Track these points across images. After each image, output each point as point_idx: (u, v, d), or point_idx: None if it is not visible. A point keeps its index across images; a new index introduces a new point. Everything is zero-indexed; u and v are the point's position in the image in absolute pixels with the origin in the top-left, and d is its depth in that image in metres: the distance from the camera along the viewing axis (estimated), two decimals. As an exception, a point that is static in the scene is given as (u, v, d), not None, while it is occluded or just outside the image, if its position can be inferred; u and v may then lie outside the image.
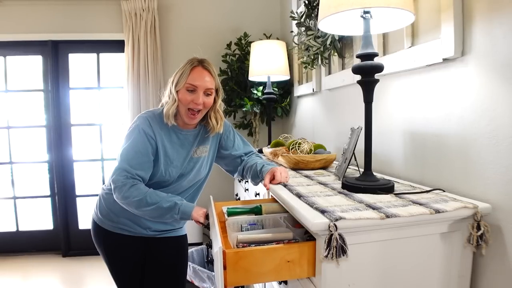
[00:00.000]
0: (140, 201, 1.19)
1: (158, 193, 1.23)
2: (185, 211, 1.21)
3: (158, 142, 1.28)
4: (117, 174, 1.22)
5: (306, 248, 0.86)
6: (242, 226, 1.11)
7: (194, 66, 1.28)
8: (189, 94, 1.26)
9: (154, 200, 1.20)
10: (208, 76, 1.29)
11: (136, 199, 1.19)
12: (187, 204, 1.23)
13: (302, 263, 0.87)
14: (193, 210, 1.22)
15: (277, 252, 0.85)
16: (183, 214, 1.21)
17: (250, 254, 0.84)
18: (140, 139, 1.25)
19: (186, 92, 1.26)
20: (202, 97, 1.27)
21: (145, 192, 1.20)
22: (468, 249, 0.90)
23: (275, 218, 1.15)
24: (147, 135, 1.26)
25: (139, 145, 1.25)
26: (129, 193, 1.19)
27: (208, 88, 1.28)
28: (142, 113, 1.35)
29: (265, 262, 0.85)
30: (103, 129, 3.12)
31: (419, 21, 1.21)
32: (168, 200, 1.21)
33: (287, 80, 2.63)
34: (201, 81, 1.26)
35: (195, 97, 1.26)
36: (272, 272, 0.85)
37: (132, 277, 1.39)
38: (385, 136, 1.42)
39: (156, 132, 1.29)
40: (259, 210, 1.18)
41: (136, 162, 1.23)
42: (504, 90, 0.88)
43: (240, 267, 0.83)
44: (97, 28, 2.92)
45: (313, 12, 1.89)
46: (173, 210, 1.20)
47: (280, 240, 0.93)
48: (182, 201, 1.23)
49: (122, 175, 1.21)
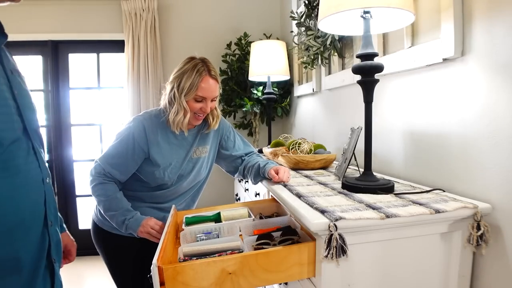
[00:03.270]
0: (100, 202, 1.27)
1: (120, 202, 1.27)
2: (132, 228, 1.24)
3: (151, 147, 1.29)
4: (94, 166, 1.29)
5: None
6: (197, 236, 1.09)
7: (203, 77, 1.26)
8: (197, 103, 1.29)
9: (114, 208, 1.26)
10: (215, 84, 1.31)
11: (98, 198, 1.27)
12: (135, 220, 1.24)
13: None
14: (139, 227, 1.24)
15: (217, 264, 0.82)
16: (131, 231, 1.25)
17: (189, 268, 0.81)
18: (127, 142, 1.28)
19: (195, 101, 1.29)
20: (209, 104, 1.31)
21: (109, 195, 1.26)
22: (468, 249, 0.90)
23: (231, 226, 1.13)
24: (135, 142, 1.27)
25: (124, 147, 1.28)
26: (96, 189, 1.27)
27: (215, 96, 1.33)
28: (138, 115, 1.35)
29: (205, 276, 0.82)
30: (103, 129, 3.13)
31: (419, 21, 1.21)
32: (123, 214, 1.25)
33: (287, 80, 2.63)
34: (211, 92, 1.29)
35: (204, 106, 1.30)
36: (213, 285, 0.82)
37: (132, 277, 1.39)
38: (385, 136, 1.42)
39: (150, 137, 1.29)
40: (219, 218, 1.18)
41: (114, 161, 1.28)
42: (504, 90, 0.88)
43: (179, 282, 0.80)
44: (97, 28, 2.92)
45: (313, 12, 1.89)
46: (122, 226, 1.25)
47: (224, 250, 0.91)
48: (132, 217, 1.25)
49: (97, 169, 1.28)
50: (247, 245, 0.96)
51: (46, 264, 0.84)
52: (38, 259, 0.81)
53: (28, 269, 0.78)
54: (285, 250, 0.86)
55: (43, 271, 0.83)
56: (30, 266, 0.79)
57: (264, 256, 0.85)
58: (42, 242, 0.83)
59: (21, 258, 0.76)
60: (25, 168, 0.78)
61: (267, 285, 0.89)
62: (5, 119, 0.74)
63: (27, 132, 0.80)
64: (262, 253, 0.85)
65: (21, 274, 0.77)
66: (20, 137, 0.78)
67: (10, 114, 0.75)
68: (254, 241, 0.98)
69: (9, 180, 0.74)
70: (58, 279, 0.88)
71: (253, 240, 0.98)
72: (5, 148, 0.72)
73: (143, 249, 1.34)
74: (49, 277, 0.85)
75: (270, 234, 1.00)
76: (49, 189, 0.87)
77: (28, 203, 0.79)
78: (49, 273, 0.85)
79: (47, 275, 0.84)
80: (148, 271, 0.81)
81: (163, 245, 0.91)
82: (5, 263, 0.74)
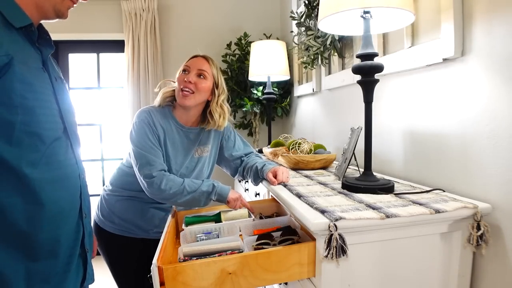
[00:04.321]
0: (178, 192, 1.20)
1: (193, 180, 1.27)
2: (221, 193, 1.23)
3: (160, 136, 1.29)
4: (144, 170, 1.21)
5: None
6: (197, 236, 1.09)
7: (194, 56, 1.36)
8: (183, 74, 1.31)
9: (193, 187, 1.22)
10: (203, 61, 1.34)
11: (173, 191, 1.19)
12: (222, 186, 1.25)
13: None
14: (229, 192, 1.24)
15: (217, 264, 0.82)
16: (219, 196, 1.24)
17: (189, 268, 0.81)
18: (148, 132, 1.27)
19: (182, 74, 1.32)
20: (194, 77, 1.30)
21: (182, 181, 1.22)
22: (468, 249, 0.90)
23: (231, 226, 1.13)
24: (151, 128, 1.28)
25: (150, 137, 1.26)
26: (167, 186, 1.19)
27: (200, 68, 1.32)
28: (143, 108, 1.36)
29: (205, 276, 0.82)
30: (103, 129, 3.12)
31: (419, 21, 1.21)
32: (207, 184, 1.24)
33: (287, 80, 2.63)
34: (195, 62, 1.32)
35: (187, 76, 1.30)
36: (213, 286, 0.82)
37: (134, 278, 1.39)
38: (385, 136, 1.42)
39: (158, 127, 1.30)
40: (219, 218, 1.18)
41: (154, 154, 1.24)
42: (504, 90, 0.88)
43: (179, 282, 0.80)
44: (97, 28, 2.92)
45: (313, 12, 1.89)
46: (212, 193, 1.23)
47: (224, 250, 0.92)
48: (218, 184, 1.26)
49: (151, 170, 1.20)
50: (247, 245, 0.96)
51: (80, 252, 0.92)
52: (73, 247, 0.90)
53: (64, 255, 0.87)
54: (285, 250, 0.86)
55: (77, 259, 0.91)
56: (66, 253, 0.88)
57: (264, 256, 0.85)
58: (77, 231, 0.92)
59: (56, 245, 0.85)
60: (64, 163, 0.88)
61: (267, 285, 0.89)
62: (49, 119, 0.84)
63: (67, 132, 0.90)
64: (262, 253, 0.85)
65: (57, 259, 0.85)
66: (61, 136, 0.87)
67: (53, 116, 0.86)
68: (254, 241, 0.98)
69: (52, 173, 0.83)
70: (90, 267, 0.98)
71: (253, 240, 0.98)
72: (48, 145, 0.82)
73: (145, 249, 1.34)
74: (82, 265, 0.94)
75: (270, 234, 1.00)
76: (84, 184, 0.96)
77: (67, 194, 0.88)
78: (82, 261, 0.94)
79: (80, 263, 0.93)
80: (149, 271, 0.81)
81: (163, 245, 0.91)
82: (46, 246, 0.82)
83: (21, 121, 0.76)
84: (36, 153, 0.79)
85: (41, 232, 0.81)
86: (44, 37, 0.88)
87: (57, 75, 0.93)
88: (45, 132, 0.81)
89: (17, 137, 0.76)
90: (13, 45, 0.76)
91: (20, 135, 0.76)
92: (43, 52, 0.86)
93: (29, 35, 0.82)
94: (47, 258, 0.83)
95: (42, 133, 0.81)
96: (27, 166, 0.77)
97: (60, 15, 0.87)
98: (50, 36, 0.90)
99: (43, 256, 0.82)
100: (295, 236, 0.97)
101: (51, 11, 0.85)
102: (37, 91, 0.80)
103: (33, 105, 0.78)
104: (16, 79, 0.74)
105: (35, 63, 0.83)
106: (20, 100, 0.75)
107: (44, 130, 0.81)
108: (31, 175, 0.78)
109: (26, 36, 0.81)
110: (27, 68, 0.78)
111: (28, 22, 0.79)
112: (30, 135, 0.78)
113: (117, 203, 1.35)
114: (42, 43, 0.87)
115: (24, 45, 0.80)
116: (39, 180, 0.80)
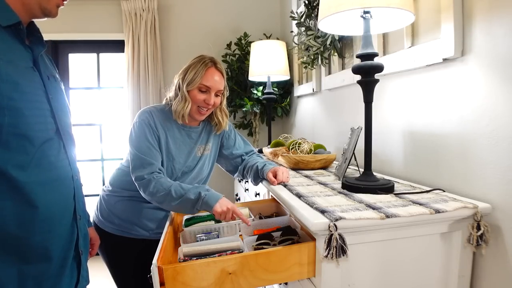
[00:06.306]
0: (166, 196, 1.15)
1: (182, 185, 1.18)
2: (208, 203, 1.10)
3: (160, 136, 1.29)
4: (136, 172, 1.20)
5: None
6: (197, 236, 1.08)
7: (208, 67, 1.28)
8: (201, 94, 1.28)
9: (180, 193, 1.14)
10: (220, 78, 1.31)
11: (160, 194, 1.16)
12: (211, 195, 1.12)
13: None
14: (216, 203, 1.10)
15: (217, 264, 0.82)
16: (206, 206, 1.11)
17: (189, 268, 0.81)
18: (147, 133, 1.26)
19: (199, 92, 1.28)
20: (214, 97, 1.30)
21: (169, 185, 1.16)
22: (468, 249, 0.90)
23: (231, 226, 1.13)
24: (152, 129, 1.27)
25: (149, 138, 1.25)
26: (154, 189, 1.16)
27: (220, 89, 1.31)
28: (144, 108, 1.35)
29: (205, 276, 0.82)
30: (103, 129, 3.12)
31: (419, 21, 1.21)
32: (194, 192, 1.13)
33: (287, 80, 2.63)
34: (214, 83, 1.29)
35: (207, 98, 1.28)
36: (213, 286, 0.82)
37: (133, 278, 1.39)
38: (385, 136, 1.42)
39: (159, 127, 1.29)
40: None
41: (150, 156, 1.23)
42: (504, 90, 0.88)
43: (179, 282, 0.80)
44: (97, 28, 2.92)
45: (313, 12, 1.89)
46: (197, 202, 1.12)
47: (224, 250, 0.91)
48: (207, 192, 1.14)
49: (142, 172, 1.20)
50: (247, 245, 0.96)
51: (74, 255, 0.91)
52: (67, 250, 0.88)
53: (57, 258, 0.86)
54: (285, 250, 0.86)
55: (71, 261, 0.90)
56: (59, 256, 0.86)
57: (264, 256, 0.85)
58: (71, 234, 0.90)
59: (49, 248, 0.83)
60: (56, 165, 0.85)
61: (267, 285, 0.89)
62: (39, 120, 0.81)
63: (60, 133, 0.88)
64: (262, 253, 0.85)
65: (51, 262, 0.84)
66: (53, 137, 0.85)
67: (44, 117, 0.83)
68: (254, 241, 0.98)
69: (43, 176, 0.81)
70: (84, 269, 0.96)
71: (253, 240, 0.98)
72: (37, 147, 0.80)
73: (144, 250, 1.34)
74: (76, 267, 0.92)
75: (270, 234, 1.00)
76: (78, 185, 0.94)
77: (59, 197, 0.86)
78: (76, 263, 0.92)
79: (74, 265, 0.92)
80: (149, 272, 0.81)
81: (163, 245, 0.91)
82: (38, 249, 0.81)
83: (8, 123, 0.73)
84: (25, 155, 0.77)
85: (33, 235, 0.79)
86: (36, 35, 0.86)
87: (50, 74, 0.90)
88: (35, 134, 0.79)
89: (4, 139, 0.73)
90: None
91: (7, 137, 0.74)
92: (34, 51, 0.83)
93: (18, 34, 0.79)
94: (40, 261, 0.81)
95: (31, 134, 0.78)
96: (14, 168, 0.75)
97: (47, 13, 0.84)
98: (42, 34, 0.88)
99: (36, 259, 0.80)
100: (295, 236, 0.97)
101: (37, 9, 0.83)
102: (25, 91, 0.78)
103: (20, 106, 0.75)
104: (0, 79, 0.72)
105: (24, 62, 0.80)
106: (6, 101, 0.73)
107: (34, 131, 0.79)
108: (20, 178, 0.76)
109: (15, 35, 0.79)
110: (14, 68, 0.76)
111: (16, 21, 0.77)
112: (18, 137, 0.76)
113: (116, 204, 1.35)
114: (33, 41, 0.84)
115: (13, 44, 0.78)
116: (30, 182, 0.78)
